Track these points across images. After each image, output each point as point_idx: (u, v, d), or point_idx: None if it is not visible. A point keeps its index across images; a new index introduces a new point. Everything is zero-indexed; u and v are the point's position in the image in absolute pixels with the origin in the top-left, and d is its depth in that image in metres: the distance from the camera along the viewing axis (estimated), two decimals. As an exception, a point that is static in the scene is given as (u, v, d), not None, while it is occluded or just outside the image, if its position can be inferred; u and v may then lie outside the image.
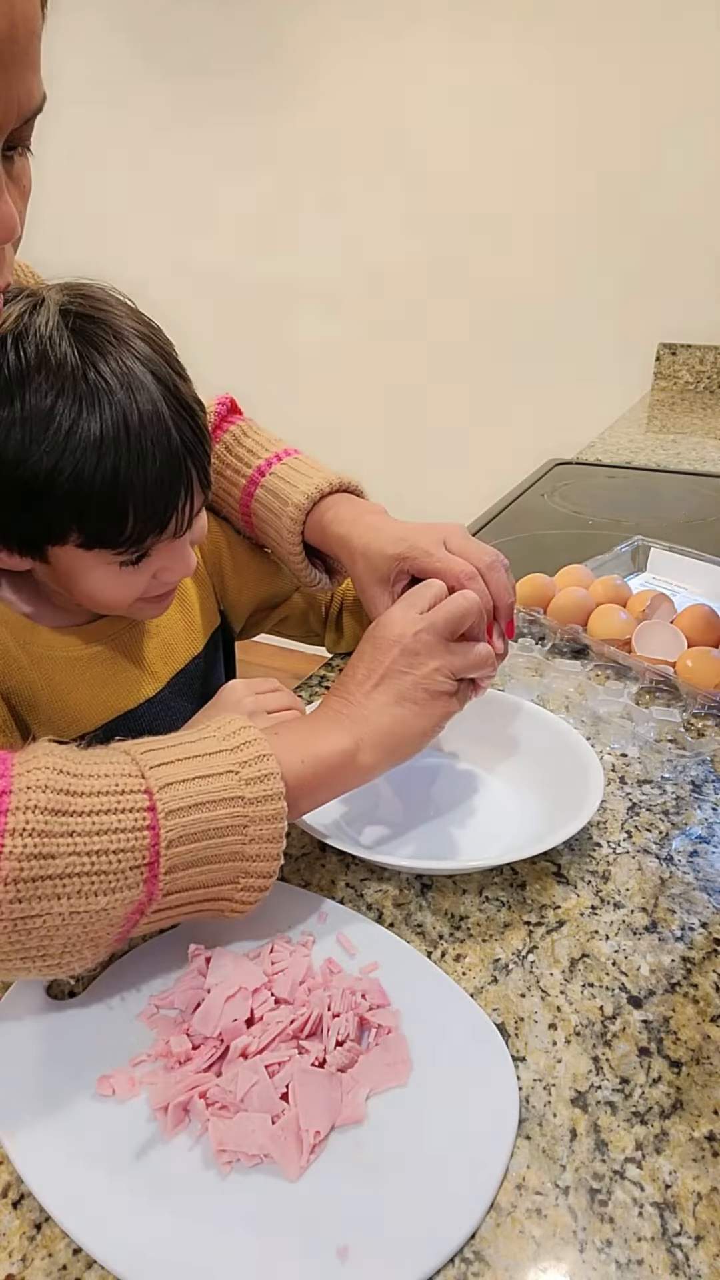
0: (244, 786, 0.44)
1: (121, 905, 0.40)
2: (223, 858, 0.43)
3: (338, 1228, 0.35)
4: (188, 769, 0.43)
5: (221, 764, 0.44)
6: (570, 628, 0.83)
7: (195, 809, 0.42)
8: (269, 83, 2.33)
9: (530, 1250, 0.35)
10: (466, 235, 2.26)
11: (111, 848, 0.39)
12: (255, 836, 0.44)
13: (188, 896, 0.43)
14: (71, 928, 0.39)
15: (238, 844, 0.44)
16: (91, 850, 0.39)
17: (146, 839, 0.40)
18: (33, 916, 0.38)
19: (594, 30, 1.96)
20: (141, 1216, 0.36)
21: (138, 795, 0.41)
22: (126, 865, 0.40)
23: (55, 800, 0.38)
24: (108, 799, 0.40)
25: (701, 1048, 0.44)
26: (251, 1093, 0.39)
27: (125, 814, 0.40)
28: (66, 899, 0.38)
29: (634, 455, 1.64)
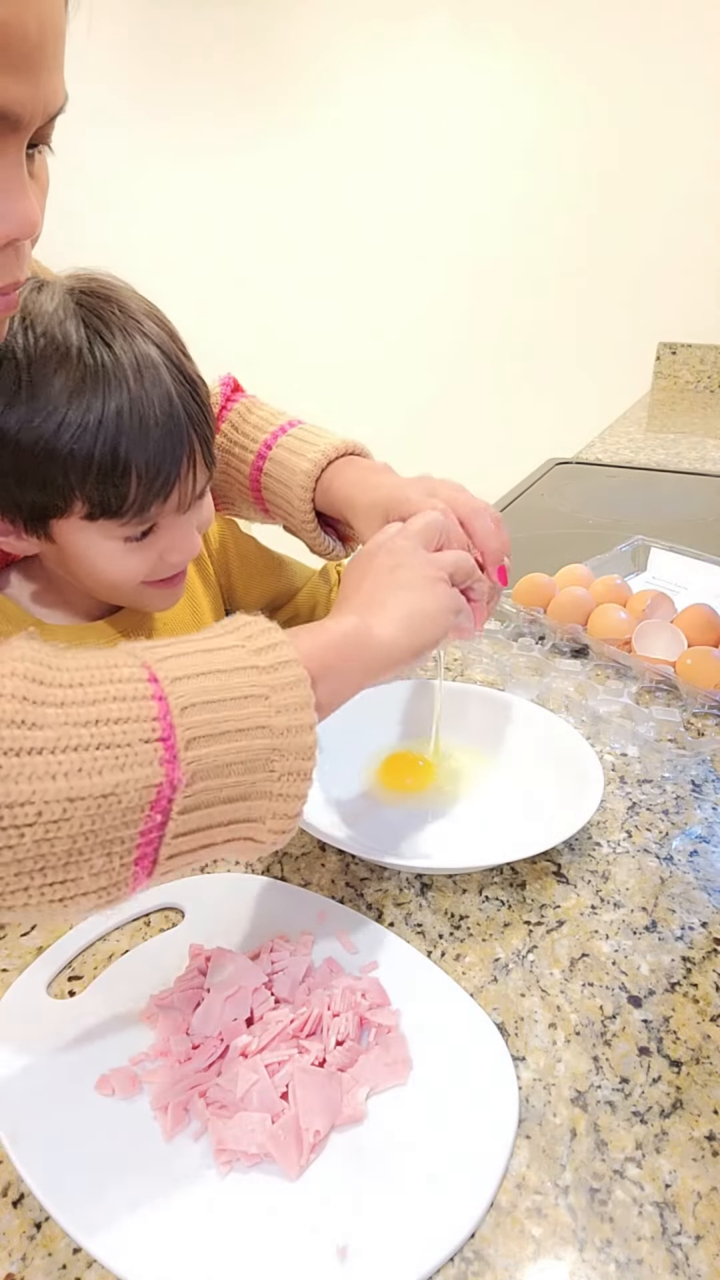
0: (254, 657, 0.39)
1: (136, 790, 0.33)
2: (249, 731, 0.36)
3: (337, 1227, 0.35)
4: (184, 646, 0.38)
5: (227, 642, 0.39)
6: (570, 627, 0.83)
7: (203, 676, 0.36)
8: (270, 82, 2.33)
9: (530, 1249, 0.35)
10: (466, 235, 2.26)
11: (112, 716, 0.33)
12: (281, 707, 0.38)
13: (219, 787, 0.36)
14: (74, 821, 0.32)
15: (262, 715, 0.37)
16: (87, 720, 0.32)
17: (153, 708, 0.34)
18: (22, 805, 0.31)
19: (595, 32, 1.96)
20: (141, 1216, 0.36)
21: (133, 667, 0.35)
22: (135, 737, 0.33)
23: (38, 671, 0.33)
24: (98, 671, 0.34)
25: (701, 1047, 0.44)
26: (251, 1092, 0.39)
27: (122, 684, 0.34)
28: (62, 777, 0.31)
29: (634, 455, 1.64)
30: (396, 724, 0.70)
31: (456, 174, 2.21)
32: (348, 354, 2.48)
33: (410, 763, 0.65)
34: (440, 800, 0.63)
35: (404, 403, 2.45)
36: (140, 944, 0.50)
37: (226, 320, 2.54)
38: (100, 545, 0.57)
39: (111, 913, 0.51)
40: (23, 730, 0.31)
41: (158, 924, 0.52)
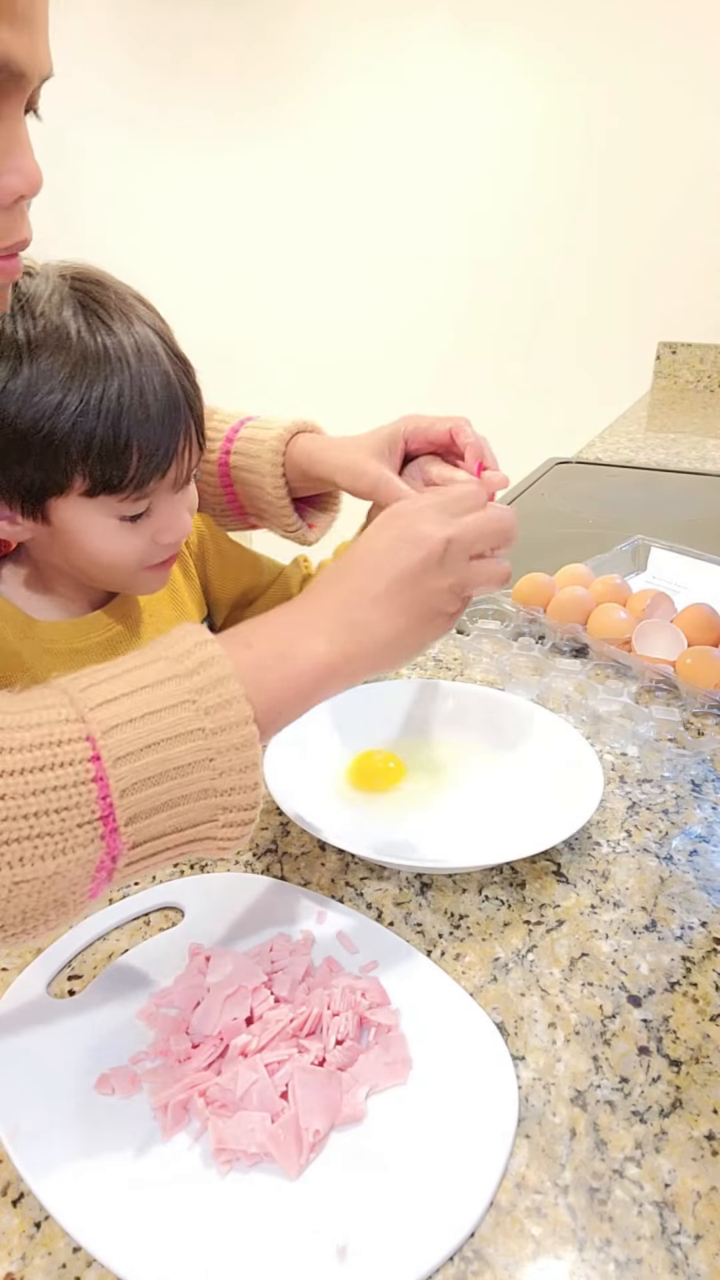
0: (203, 717, 0.38)
1: (77, 866, 0.35)
2: (192, 797, 0.38)
3: (337, 1226, 0.35)
4: (136, 704, 0.37)
5: (176, 693, 0.38)
6: (570, 627, 0.83)
7: (149, 750, 0.37)
8: (270, 80, 2.33)
9: (530, 1249, 0.35)
10: (466, 235, 2.26)
11: (52, 807, 0.34)
12: (225, 768, 0.38)
13: (162, 844, 0.38)
14: (22, 897, 0.34)
15: (206, 780, 0.38)
16: (27, 813, 0.34)
17: (93, 791, 0.35)
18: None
19: (595, 31, 1.96)
20: (141, 1215, 0.36)
21: (78, 745, 0.36)
22: (73, 824, 0.35)
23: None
24: (41, 753, 0.35)
25: (701, 1047, 0.44)
26: (251, 1091, 0.39)
27: (64, 768, 0.35)
28: (7, 868, 0.33)
29: (634, 454, 1.64)
30: (393, 723, 0.70)
31: (456, 173, 2.21)
32: (347, 353, 2.48)
33: (380, 763, 0.65)
34: (440, 799, 0.63)
35: (404, 402, 2.44)
36: (140, 943, 0.50)
37: (226, 319, 2.54)
38: (98, 523, 0.58)
39: (111, 912, 0.52)
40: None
41: (157, 923, 0.52)
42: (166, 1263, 0.34)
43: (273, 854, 0.57)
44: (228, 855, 0.41)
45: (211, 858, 0.42)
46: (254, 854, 0.57)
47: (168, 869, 0.56)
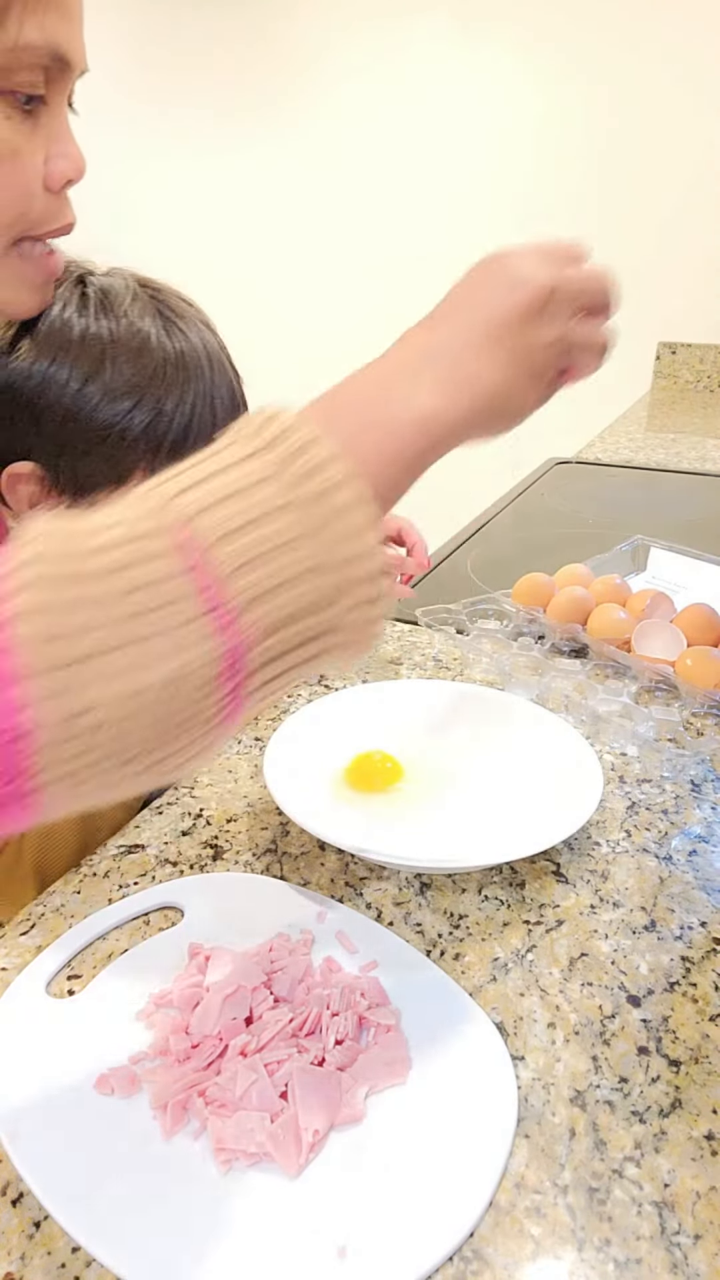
0: (292, 489, 0.33)
1: (201, 664, 0.31)
2: (306, 575, 0.33)
3: (337, 1226, 0.35)
4: (214, 489, 0.33)
5: (256, 470, 0.33)
6: (570, 627, 0.83)
7: (241, 531, 0.32)
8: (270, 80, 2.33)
9: (529, 1249, 0.35)
10: (466, 234, 2.26)
11: (150, 605, 0.30)
12: (334, 538, 0.33)
13: (289, 640, 0.33)
14: (150, 711, 0.30)
15: (318, 554, 0.33)
16: (128, 613, 0.30)
17: (191, 583, 0.31)
18: (84, 714, 0.29)
19: (595, 31, 1.96)
20: (140, 1214, 0.36)
21: (162, 538, 0.31)
22: (181, 617, 0.30)
23: (64, 568, 0.30)
24: (126, 550, 0.31)
25: (700, 1047, 0.44)
26: (250, 1091, 0.39)
27: (153, 562, 0.31)
28: (116, 679, 0.30)
29: (634, 454, 1.64)
30: (393, 723, 0.70)
31: (456, 173, 2.21)
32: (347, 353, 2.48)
33: (378, 763, 0.65)
34: (440, 799, 0.63)
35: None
36: (139, 943, 0.50)
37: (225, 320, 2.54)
38: None
39: (111, 912, 0.52)
40: (62, 644, 0.29)
41: (157, 923, 0.52)
42: (166, 1263, 0.34)
43: (272, 854, 0.57)
44: (362, 654, 0.37)
45: (346, 663, 0.37)
46: (254, 854, 0.57)
47: (167, 869, 0.56)
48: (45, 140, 0.44)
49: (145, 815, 0.61)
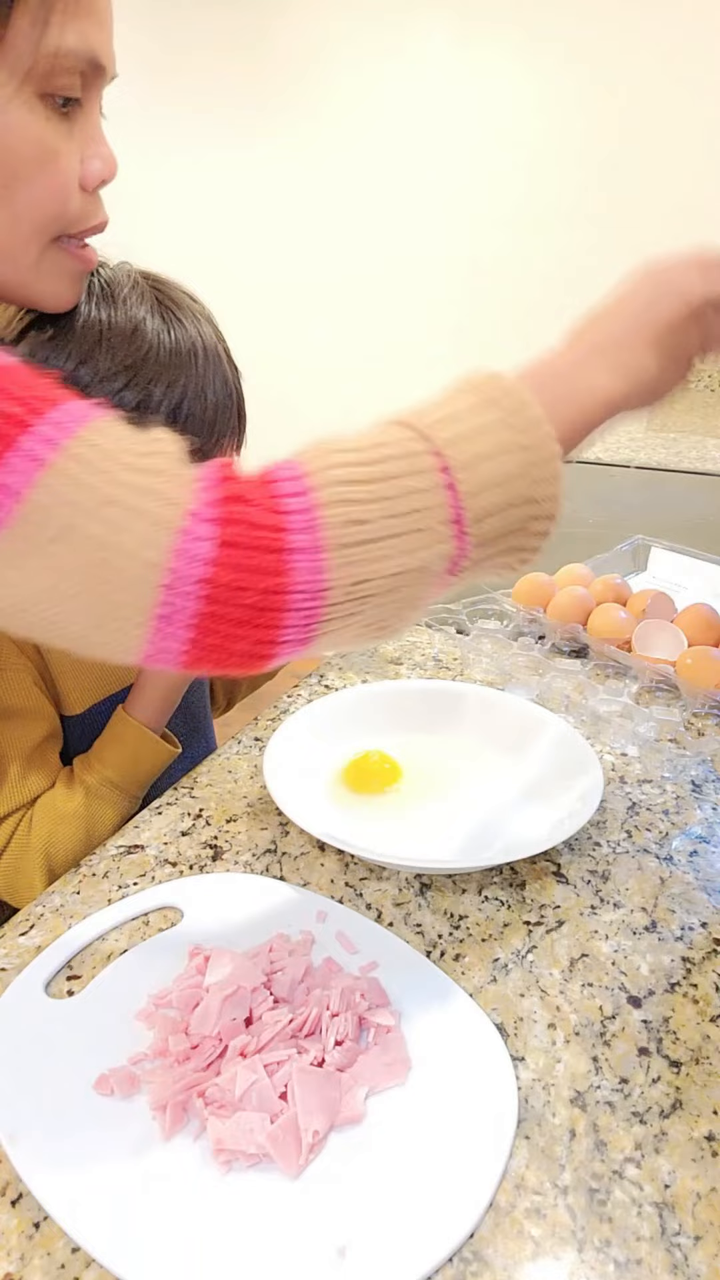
0: (520, 435, 0.42)
1: (438, 561, 0.41)
2: (515, 503, 0.42)
3: (336, 1227, 0.35)
4: (464, 429, 0.42)
5: (493, 418, 0.42)
6: (570, 627, 0.83)
7: (483, 460, 0.41)
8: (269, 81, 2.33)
9: (529, 1250, 0.35)
10: (466, 234, 2.26)
11: (417, 505, 0.39)
12: (538, 478, 0.43)
13: (491, 549, 0.43)
14: (400, 590, 0.40)
15: (525, 488, 0.42)
16: (400, 512, 0.39)
17: (445, 495, 0.40)
18: (364, 581, 0.38)
19: (595, 31, 1.96)
20: (140, 1215, 0.36)
21: (426, 455, 0.40)
22: (435, 521, 0.40)
23: (354, 473, 0.39)
24: (400, 460, 0.40)
25: (701, 1048, 0.44)
26: (250, 1092, 0.39)
27: (421, 474, 0.40)
28: (389, 559, 0.39)
29: (634, 454, 1.64)
30: (393, 724, 0.70)
31: (456, 173, 2.21)
32: (347, 353, 2.48)
33: (375, 765, 0.65)
34: (440, 799, 0.63)
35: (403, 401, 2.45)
36: (139, 944, 0.50)
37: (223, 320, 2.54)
38: None
39: (110, 912, 0.51)
40: (357, 528, 0.38)
41: (156, 924, 0.51)
42: (166, 1263, 0.34)
43: (272, 854, 0.57)
44: (527, 566, 0.46)
45: (513, 571, 0.46)
46: (253, 854, 0.57)
47: (167, 869, 0.56)
48: (81, 142, 0.47)
49: (145, 815, 0.61)
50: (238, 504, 0.37)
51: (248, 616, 0.37)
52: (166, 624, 0.36)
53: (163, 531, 0.35)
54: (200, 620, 0.36)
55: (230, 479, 0.38)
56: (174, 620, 0.36)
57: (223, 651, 0.37)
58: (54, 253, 0.49)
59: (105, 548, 0.35)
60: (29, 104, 0.43)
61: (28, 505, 0.34)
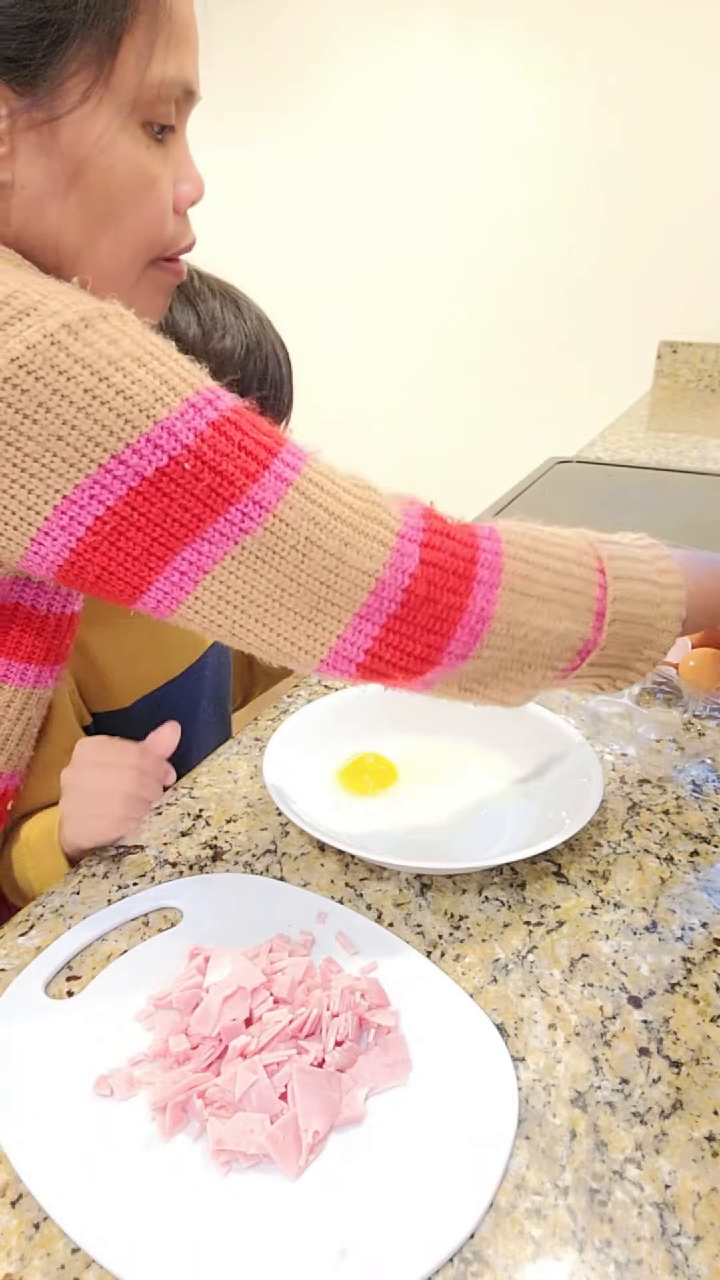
0: (659, 576, 0.51)
1: (576, 636, 0.48)
2: (639, 622, 0.50)
3: (337, 1227, 0.35)
4: (624, 563, 0.50)
5: (643, 557, 0.51)
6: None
7: (629, 580, 0.49)
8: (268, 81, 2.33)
9: (530, 1250, 0.35)
10: (467, 234, 2.26)
11: (574, 587, 0.48)
12: (662, 615, 0.50)
13: (611, 655, 0.50)
14: (540, 647, 0.47)
15: (649, 620, 0.50)
16: (562, 585, 0.47)
17: (597, 590, 0.48)
18: (520, 624, 0.46)
19: (595, 29, 1.96)
20: (140, 1216, 0.36)
21: (592, 558, 0.49)
22: (583, 605, 0.48)
23: (537, 544, 0.48)
24: (571, 552, 0.49)
25: (701, 1048, 0.44)
26: (250, 1092, 0.39)
27: (584, 567, 0.48)
28: (543, 615, 0.47)
29: (635, 454, 1.64)
30: (394, 724, 0.70)
31: (456, 172, 2.21)
32: (347, 353, 2.48)
33: (371, 766, 0.65)
34: (440, 800, 0.63)
35: (404, 401, 2.45)
36: (139, 944, 0.50)
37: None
38: None
39: (110, 913, 0.51)
40: (526, 580, 0.46)
41: (156, 924, 0.51)
42: (166, 1264, 0.34)
43: (272, 854, 0.57)
44: (631, 686, 0.55)
45: (604, 691, 0.54)
46: (253, 854, 0.57)
47: (167, 870, 0.56)
48: (174, 166, 0.49)
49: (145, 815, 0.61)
50: (441, 535, 0.45)
51: (428, 624, 0.44)
52: (362, 622, 0.43)
53: (381, 546, 0.43)
54: (390, 621, 0.44)
55: (435, 515, 0.46)
56: (370, 619, 0.43)
57: (399, 651, 0.45)
58: (151, 272, 0.51)
59: (334, 556, 0.42)
60: (132, 134, 0.45)
61: (275, 517, 0.41)
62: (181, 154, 0.50)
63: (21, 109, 0.42)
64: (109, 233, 0.47)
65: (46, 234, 0.46)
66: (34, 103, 0.42)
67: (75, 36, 0.42)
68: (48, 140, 0.43)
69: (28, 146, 0.43)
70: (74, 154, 0.44)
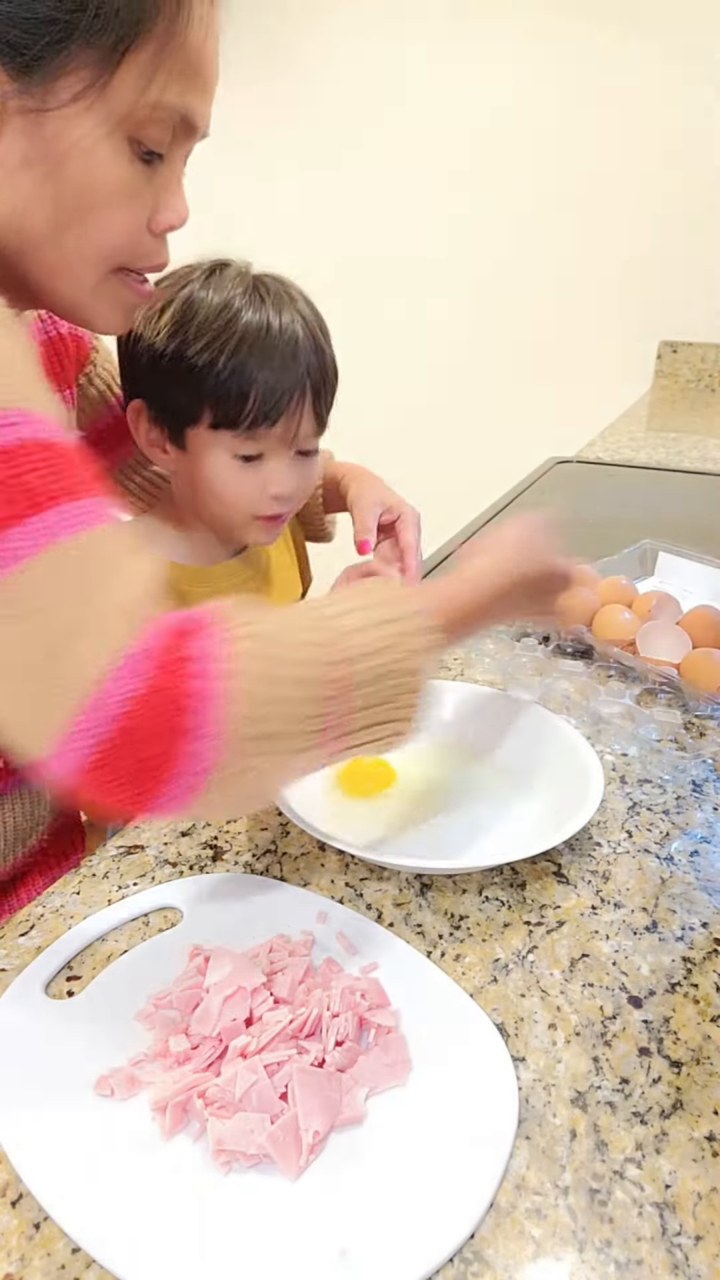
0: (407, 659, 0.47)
1: (316, 756, 0.45)
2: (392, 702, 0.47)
3: (337, 1228, 0.35)
4: (371, 643, 0.46)
5: (392, 632, 0.47)
6: (575, 628, 0.83)
7: (374, 660, 0.45)
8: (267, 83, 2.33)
9: (530, 1250, 0.35)
10: (467, 233, 2.26)
11: (310, 711, 0.43)
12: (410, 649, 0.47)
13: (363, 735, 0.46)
14: (276, 777, 0.46)
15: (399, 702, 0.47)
16: (297, 715, 0.42)
17: (339, 708, 0.44)
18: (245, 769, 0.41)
19: (594, 28, 1.96)
20: (140, 1216, 0.36)
21: (321, 667, 0.43)
22: (317, 726, 0.43)
23: (271, 668, 0.42)
24: (313, 671, 0.43)
25: (701, 1048, 0.44)
26: (250, 1092, 0.39)
27: (325, 685, 0.43)
28: (275, 754, 0.42)
29: (635, 454, 1.64)
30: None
31: (456, 172, 2.21)
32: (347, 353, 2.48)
33: (368, 767, 0.65)
34: (441, 800, 0.63)
35: (404, 401, 2.44)
36: (139, 944, 0.50)
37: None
38: (221, 458, 0.71)
39: (110, 913, 0.51)
40: (255, 724, 0.40)
41: (156, 924, 0.51)
42: (166, 1264, 0.34)
43: (272, 854, 0.57)
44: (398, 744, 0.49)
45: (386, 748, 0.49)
46: (254, 855, 0.57)
47: (167, 870, 0.56)
48: (158, 189, 0.50)
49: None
50: (170, 671, 0.38)
51: (139, 765, 0.38)
52: (85, 727, 0.37)
53: (112, 654, 0.37)
54: (106, 743, 0.37)
55: (179, 636, 0.39)
56: (90, 729, 0.37)
57: (116, 776, 0.38)
58: (113, 281, 0.52)
59: (66, 639, 0.37)
60: (116, 146, 0.46)
61: (21, 572, 0.36)
62: (171, 181, 0.51)
63: (12, 92, 0.43)
64: (75, 228, 0.48)
65: (14, 213, 0.47)
66: (24, 90, 0.43)
67: (78, 40, 0.43)
68: (32, 127, 0.44)
69: (12, 128, 0.44)
70: (54, 148, 0.45)
